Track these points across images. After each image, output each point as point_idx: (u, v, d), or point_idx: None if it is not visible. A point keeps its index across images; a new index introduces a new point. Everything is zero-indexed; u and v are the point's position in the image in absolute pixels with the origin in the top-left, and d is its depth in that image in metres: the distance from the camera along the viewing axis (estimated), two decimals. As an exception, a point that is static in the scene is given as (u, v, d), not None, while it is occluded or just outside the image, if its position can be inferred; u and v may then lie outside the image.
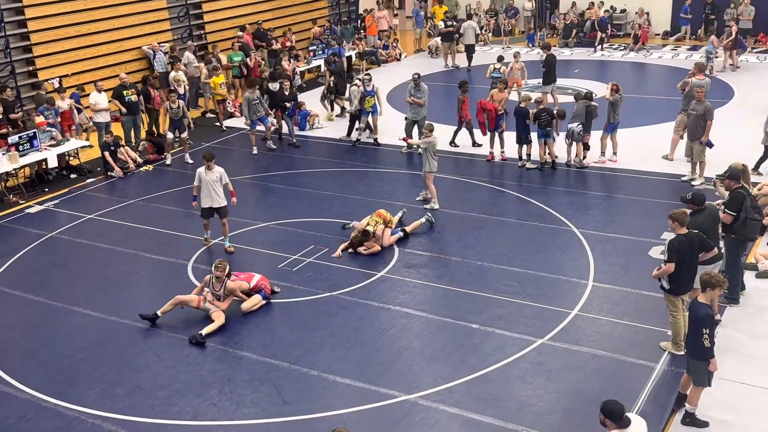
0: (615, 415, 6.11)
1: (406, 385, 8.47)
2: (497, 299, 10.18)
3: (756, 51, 24.55)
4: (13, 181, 15.27)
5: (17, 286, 11.31)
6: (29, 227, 13.49)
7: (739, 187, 9.55)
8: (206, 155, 11.89)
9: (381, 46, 26.60)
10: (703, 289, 7.46)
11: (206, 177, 11.79)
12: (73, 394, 8.61)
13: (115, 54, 20.44)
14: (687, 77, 14.92)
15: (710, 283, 7.40)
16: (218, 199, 11.83)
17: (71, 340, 9.78)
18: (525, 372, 8.61)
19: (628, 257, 11.16)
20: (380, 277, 11.01)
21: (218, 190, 11.81)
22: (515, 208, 13.23)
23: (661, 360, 8.66)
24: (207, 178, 11.79)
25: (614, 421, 6.09)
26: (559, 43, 27.25)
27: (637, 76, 23.04)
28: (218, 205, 11.86)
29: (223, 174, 11.86)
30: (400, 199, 13.70)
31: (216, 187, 11.79)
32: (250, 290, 10.32)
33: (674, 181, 13.94)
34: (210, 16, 23.48)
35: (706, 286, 7.43)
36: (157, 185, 15.30)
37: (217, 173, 11.82)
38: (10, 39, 18.23)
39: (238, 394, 8.47)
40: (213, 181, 11.78)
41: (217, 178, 11.81)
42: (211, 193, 11.79)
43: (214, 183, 11.79)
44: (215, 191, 11.80)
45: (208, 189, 11.78)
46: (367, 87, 16.73)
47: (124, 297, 10.84)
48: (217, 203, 11.85)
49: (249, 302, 10.17)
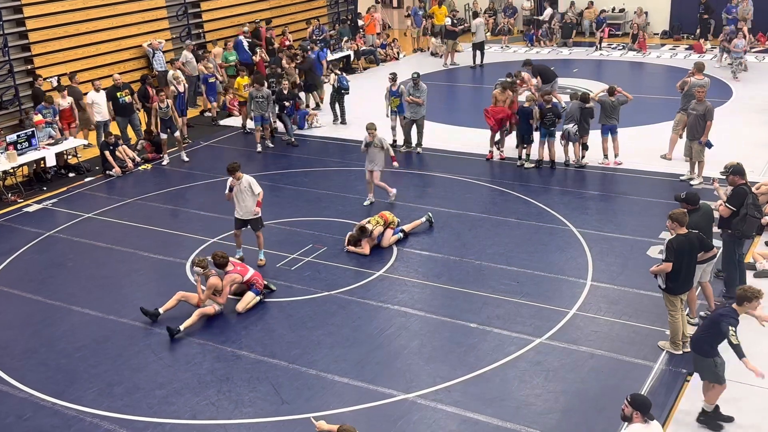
0: (645, 407, 6.24)
1: (404, 384, 8.48)
2: (496, 298, 10.18)
3: (755, 51, 24.56)
4: (12, 179, 15.27)
5: (16, 285, 11.30)
6: (28, 226, 13.49)
7: (743, 183, 9.60)
8: (229, 167, 11.08)
9: (379, 44, 26.59)
10: (739, 303, 7.35)
11: (237, 187, 11.10)
12: (71, 393, 8.61)
13: (113, 53, 20.42)
14: (686, 77, 14.92)
15: (746, 297, 7.31)
16: (250, 210, 11.18)
17: (70, 339, 9.78)
18: (523, 371, 8.61)
19: (626, 256, 11.18)
20: (379, 276, 11.01)
21: (249, 201, 11.11)
22: (514, 208, 13.23)
23: (659, 359, 8.67)
24: (238, 188, 11.10)
25: (643, 413, 6.20)
26: (558, 43, 27.26)
27: (636, 76, 23.06)
28: (249, 216, 11.22)
29: (252, 183, 11.09)
30: (400, 198, 13.68)
31: (245, 198, 11.08)
32: (243, 283, 10.27)
33: (672, 180, 13.95)
34: (208, 15, 23.47)
35: (743, 300, 7.32)
36: (155, 184, 15.30)
37: (245, 182, 11.05)
38: (9, 37, 18.22)
39: (236, 393, 8.47)
40: (242, 191, 11.05)
41: (246, 188, 11.05)
42: (241, 204, 11.12)
43: (243, 193, 11.05)
44: (245, 202, 11.11)
45: (237, 199, 11.13)
46: (393, 87, 16.28)
47: (122, 296, 10.84)
48: (248, 215, 11.23)
49: (243, 302, 10.18)
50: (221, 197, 11.76)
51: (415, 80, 15.93)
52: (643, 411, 6.20)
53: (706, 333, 7.46)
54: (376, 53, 25.81)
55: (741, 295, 7.36)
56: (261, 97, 16.58)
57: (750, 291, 7.34)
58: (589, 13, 28.54)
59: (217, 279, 10.03)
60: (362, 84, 22.49)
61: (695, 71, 14.80)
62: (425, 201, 13.62)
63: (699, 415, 7.61)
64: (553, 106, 14.58)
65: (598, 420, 7.69)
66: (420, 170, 15.46)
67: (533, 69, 17.68)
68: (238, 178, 11.03)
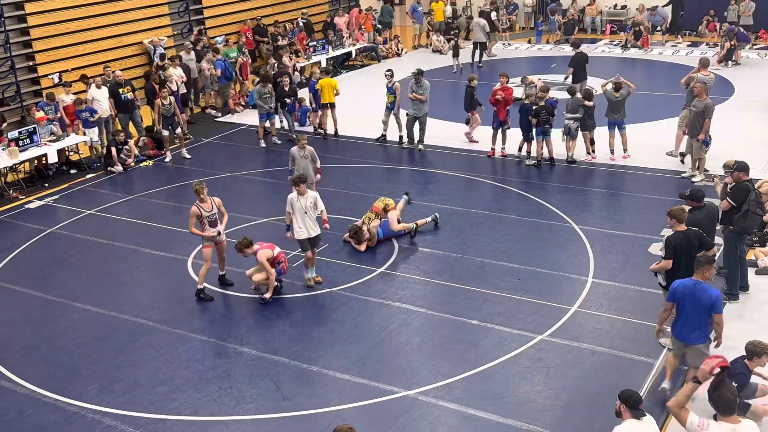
0: (630, 401, 6.08)
1: (405, 380, 8.48)
2: (497, 295, 10.18)
3: (756, 47, 24.52)
4: (13, 176, 15.27)
5: (17, 282, 11.32)
6: (29, 222, 13.50)
7: (747, 180, 9.60)
8: (295, 179, 10.35)
9: (381, 41, 26.56)
10: (749, 358, 7.27)
11: (299, 204, 10.24)
12: (72, 389, 8.62)
13: (114, 49, 20.41)
14: (692, 72, 14.87)
15: (756, 353, 7.23)
16: (314, 227, 10.43)
17: (71, 335, 9.79)
18: (524, 368, 8.61)
19: (627, 253, 11.17)
20: (380, 273, 11.01)
21: (313, 218, 10.38)
22: (515, 205, 13.23)
23: (660, 356, 8.67)
24: (300, 204, 10.24)
25: (630, 407, 6.09)
26: (560, 40, 27.21)
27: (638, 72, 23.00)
28: (314, 233, 10.48)
29: (318, 200, 10.42)
30: (400, 195, 13.66)
31: (311, 215, 10.32)
32: (273, 258, 10.33)
33: (675, 177, 13.93)
34: (210, 12, 23.44)
35: (752, 355, 7.25)
36: (156, 181, 15.30)
37: (312, 198, 10.31)
38: (10, 34, 18.21)
39: (237, 390, 8.48)
40: (307, 208, 10.26)
41: (312, 204, 10.31)
42: (307, 222, 10.29)
43: (309, 210, 10.29)
44: (311, 219, 10.33)
45: (302, 217, 10.26)
46: (388, 84, 16.34)
47: (123, 292, 10.85)
48: (314, 232, 10.47)
49: (260, 275, 10.36)
50: (222, 194, 11.78)
51: (416, 77, 15.91)
52: (629, 405, 6.04)
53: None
54: (377, 50, 25.78)
55: (751, 351, 7.27)
56: (267, 92, 16.65)
57: (760, 347, 7.24)
58: (591, 9, 28.48)
59: (268, 251, 10.24)
60: (362, 81, 22.47)
61: (701, 67, 14.75)
62: (427, 198, 13.61)
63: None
64: (546, 104, 14.49)
65: (598, 417, 7.68)
66: (422, 167, 15.45)
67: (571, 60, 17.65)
68: (303, 194, 10.19)
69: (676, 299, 7.51)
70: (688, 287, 7.41)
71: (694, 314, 7.42)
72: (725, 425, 5.74)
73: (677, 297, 7.48)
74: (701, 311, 7.39)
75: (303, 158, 12.29)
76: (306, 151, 12.29)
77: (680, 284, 7.49)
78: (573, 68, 17.79)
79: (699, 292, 7.34)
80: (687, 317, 7.48)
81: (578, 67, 17.82)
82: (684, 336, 7.60)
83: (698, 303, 7.36)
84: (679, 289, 7.46)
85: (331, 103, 17.29)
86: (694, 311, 7.41)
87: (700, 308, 7.37)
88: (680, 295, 7.45)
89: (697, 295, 7.35)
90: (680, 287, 7.46)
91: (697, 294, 7.35)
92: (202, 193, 10.25)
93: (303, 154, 12.28)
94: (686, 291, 7.41)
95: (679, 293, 7.45)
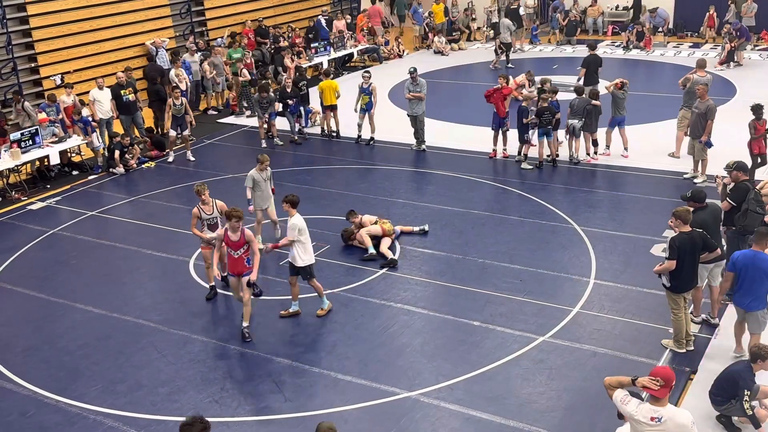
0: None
1: (407, 382, 8.48)
2: (498, 296, 10.18)
3: (759, 48, 24.50)
4: (15, 177, 15.28)
5: (19, 283, 11.33)
6: (31, 224, 13.51)
7: (746, 179, 9.61)
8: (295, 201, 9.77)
9: (382, 42, 26.57)
10: (753, 361, 7.28)
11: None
12: (74, 390, 8.63)
13: (117, 51, 20.44)
14: (689, 74, 14.87)
15: (760, 355, 7.22)
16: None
17: (73, 336, 9.79)
18: (526, 369, 8.61)
19: (629, 255, 11.16)
20: (382, 274, 11.01)
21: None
22: (517, 206, 13.22)
23: (662, 357, 8.66)
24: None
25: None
26: (561, 41, 27.20)
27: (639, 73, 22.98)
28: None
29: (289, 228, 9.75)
30: (401, 196, 13.70)
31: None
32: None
33: (676, 178, 13.92)
34: (212, 13, 23.47)
35: (756, 358, 7.25)
36: (158, 182, 15.31)
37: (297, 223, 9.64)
38: (12, 35, 18.24)
39: (239, 391, 8.49)
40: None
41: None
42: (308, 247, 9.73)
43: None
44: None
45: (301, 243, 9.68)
46: (364, 84, 16.47)
47: (125, 293, 10.85)
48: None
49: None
50: (224, 195, 11.78)
51: (412, 75, 15.87)
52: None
53: (721, 390, 7.39)
54: (379, 51, 25.78)
55: (755, 353, 7.27)
56: (266, 101, 16.71)
57: (764, 350, 7.24)
58: (593, 10, 28.47)
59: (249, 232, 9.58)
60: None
61: (698, 68, 14.76)
62: (428, 199, 13.61)
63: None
64: (549, 105, 14.48)
65: (600, 418, 7.67)
66: (423, 168, 15.45)
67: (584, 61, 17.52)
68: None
69: (737, 269, 8.10)
70: (748, 257, 8.06)
71: (753, 282, 8.01)
72: (646, 405, 5.76)
73: (738, 267, 8.05)
74: (759, 279, 7.98)
75: (265, 181, 11.46)
76: (267, 172, 11.54)
77: (740, 255, 8.15)
78: (585, 69, 17.55)
79: (759, 261, 7.97)
80: (747, 286, 8.07)
81: (590, 70, 17.49)
82: (744, 303, 8.17)
83: (758, 271, 7.97)
84: (740, 260, 8.10)
85: (333, 105, 17.30)
86: (753, 279, 8.01)
87: (759, 276, 7.96)
88: (741, 264, 8.07)
89: (756, 263, 7.98)
90: (740, 257, 8.11)
91: (756, 263, 7.98)
92: (203, 195, 10.24)
93: (266, 176, 11.47)
94: (746, 261, 8.05)
95: (740, 263, 8.08)
